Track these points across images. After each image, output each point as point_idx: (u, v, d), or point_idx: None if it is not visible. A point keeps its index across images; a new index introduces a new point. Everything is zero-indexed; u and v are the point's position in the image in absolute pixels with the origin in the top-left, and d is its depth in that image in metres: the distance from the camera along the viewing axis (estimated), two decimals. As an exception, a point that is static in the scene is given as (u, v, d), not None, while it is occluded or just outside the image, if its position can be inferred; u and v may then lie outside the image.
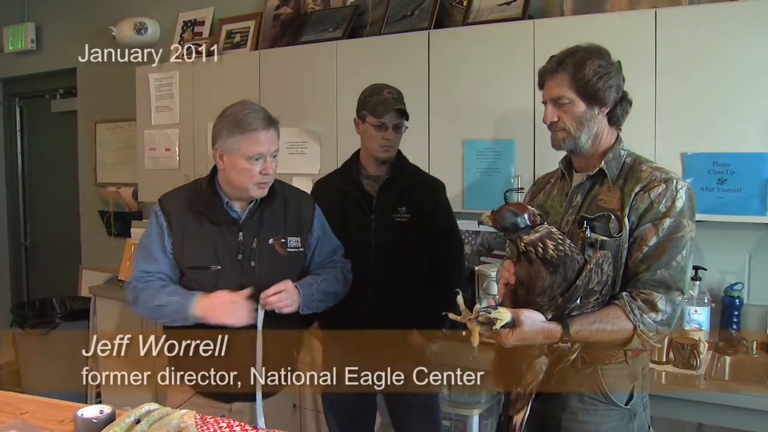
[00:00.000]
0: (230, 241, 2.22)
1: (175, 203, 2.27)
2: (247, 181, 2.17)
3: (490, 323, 1.70)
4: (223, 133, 2.17)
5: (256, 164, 2.15)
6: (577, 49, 1.89)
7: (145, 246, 2.30)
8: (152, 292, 2.19)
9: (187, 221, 2.23)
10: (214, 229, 2.22)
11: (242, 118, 2.15)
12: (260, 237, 2.24)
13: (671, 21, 2.70)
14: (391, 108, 2.54)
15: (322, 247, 2.39)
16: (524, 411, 1.81)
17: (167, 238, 2.24)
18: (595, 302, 1.74)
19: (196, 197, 2.26)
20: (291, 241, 2.29)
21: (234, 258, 2.22)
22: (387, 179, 2.63)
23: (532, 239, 1.71)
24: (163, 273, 2.25)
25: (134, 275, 2.27)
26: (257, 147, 2.14)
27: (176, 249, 2.24)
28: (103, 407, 1.64)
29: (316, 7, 4.02)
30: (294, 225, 2.31)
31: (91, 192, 5.26)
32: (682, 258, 1.77)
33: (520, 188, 1.81)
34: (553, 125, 1.90)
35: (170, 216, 2.24)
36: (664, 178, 1.81)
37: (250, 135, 2.14)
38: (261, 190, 2.21)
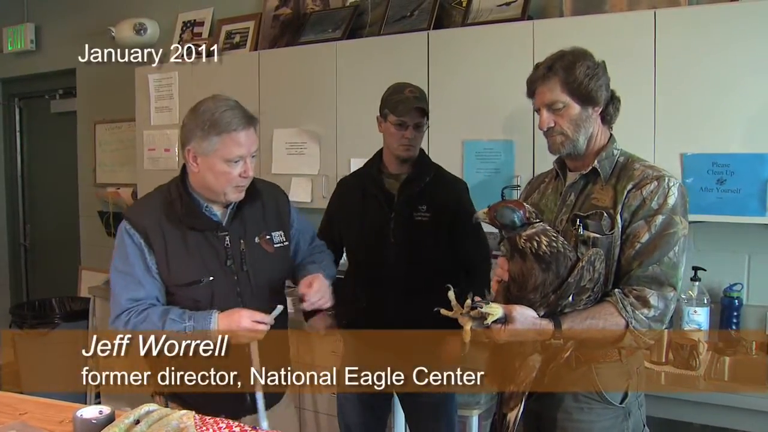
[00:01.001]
0: (217, 248, 2.07)
1: (149, 216, 2.06)
2: (226, 185, 2.02)
3: (481, 318, 1.71)
4: (197, 134, 1.99)
5: (236, 167, 2.00)
6: (563, 53, 1.91)
7: (123, 272, 2.06)
8: (155, 322, 1.98)
9: (166, 234, 2.04)
10: (198, 237, 2.06)
11: (219, 117, 1.98)
12: (246, 238, 2.11)
13: (670, 22, 2.70)
14: (412, 107, 2.53)
15: (304, 235, 2.32)
16: (518, 409, 1.81)
17: (149, 257, 2.04)
18: (588, 299, 1.75)
19: (171, 205, 2.07)
20: (275, 237, 2.18)
21: (223, 265, 2.07)
22: (407, 177, 2.62)
23: (529, 234, 1.72)
24: (152, 297, 2.05)
25: (120, 305, 2.03)
26: (237, 149, 1.99)
27: (161, 267, 2.05)
28: (103, 408, 1.64)
29: (316, 8, 4.02)
30: (274, 219, 2.20)
31: (90, 192, 5.26)
32: (674, 254, 1.78)
33: (517, 185, 1.82)
34: (550, 130, 1.91)
35: (146, 232, 2.03)
36: (656, 175, 1.82)
37: (228, 136, 1.97)
38: (239, 193, 2.06)
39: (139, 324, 1.99)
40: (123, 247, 2.06)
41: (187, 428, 1.64)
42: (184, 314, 1.99)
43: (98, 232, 5.18)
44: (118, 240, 2.09)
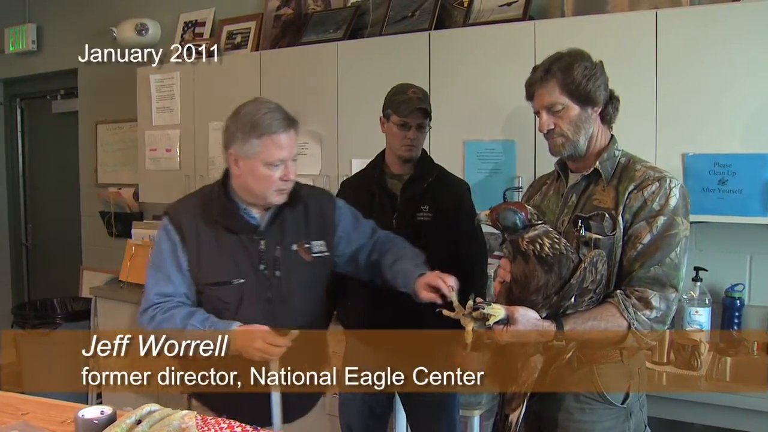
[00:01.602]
0: (251, 251, 2.05)
1: (186, 214, 2.07)
2: (267, 188, 2.00)
3: (483, 319, 1.71)
4: (238, 136, 1.98)
5: (276, 170, 1.98)
6: (561, 54, 1.91)
7: (156, 265, 2.08)
8: (177, 323, 1.98)
9: (201, 233, 2.04)
10: (232, 239, 2.05)
11: (259, 120, 1.97)
12: (283, 244, 2.08)
13: (672, 22, 2.70)
14: (415, 107, 2.53)
15: (359, 237, 2.24)
16: (520, 410, 1.81)
17: (181, 253, 2.05)
18: (590, 301, 1.75)
19: (208, 205, 2.07)
20: (315, 246, 2.13)
21: (257, 269, 2.05)
22: (410, 178, 2.62)
23: (531, 236, 1.72)
24: (181, 294, 2.06)
25: (149, 299, 2.05)
26: (278, 152, 1.97)
27: (192, 265, 2.05)
28: (104, 408, 1.64)
29: (317, 8, 4.02)
30: (317, 228, 2.15)
31: (91, 193, 5.27)
32: (675, 255, 1.78)
33: (519, 187, 1.81)
34: (550, 132, 1.92)
35: (182, 228, 2.05)
36: (657, 176, 1.82)
37: (269, 138, 1.96)
38: (281, 196, 2.04)
39: (163, 322, 1.99)
40: (159, 241, 2.09)
41: (189, 428, 1.64)
42: (206, 321, 1.98)
43: (100, 232, 5.19)
44: (157, 235, 2.11)
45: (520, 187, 1.84)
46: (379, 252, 2.20)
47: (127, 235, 4.62)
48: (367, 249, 2.24)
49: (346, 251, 2.22)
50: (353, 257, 2.24)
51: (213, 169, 4.02)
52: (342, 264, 2.25)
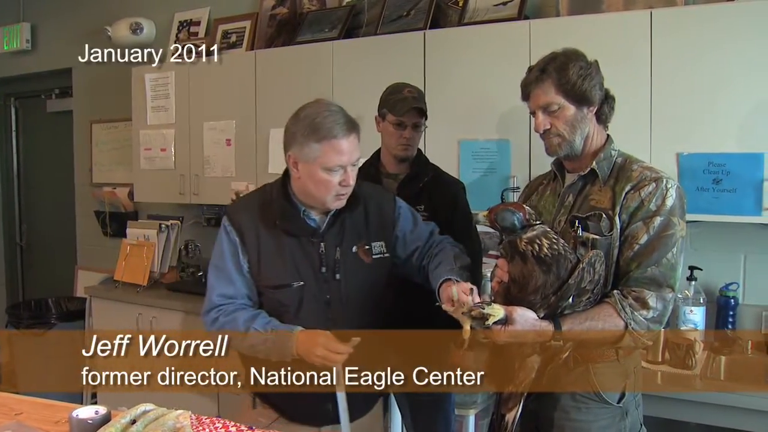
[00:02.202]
0: (311, 254, 2.01)
1: (246, 215, 2.04)
2: (326, 194, 1.95)
3: (482, 318, 1.71)
4: (298, 139, 1.92)
5: (336, 175, 1.92)
6: (555, 54, 1.91)
7: (218, 266, 2.06)
8: (239, 327, 1.96)
9: (261, 235, 2.01)
10: (292, 242, 2.01)
11: (320, 123, 1.90)
12: (343, 246, 2.04)
13: (667, 21, 2.71)
14: (410, 106, 2.53)
15: (415, 239, 2.17)
16: (516, 409, 1.81)
17: (242, 255, 2.02)
18: (587, 301, 1.75)
19: (268, 207, 2.03)
20: (375, 247, 2.08)
21: (317, 271, 2.02)
22: (406, 177, 2.62)
23: (530, 237, 1.72)
24: (243, 295, 2.04)
25: (212, 301, 2.04)
26: (338, 157, 1.91)
27: (253, 267, 2.03)
28: (99, 408, 1.63)
29: (312, 8, 4.02)
30: (377, 229, 2.10)
31: (86, 192, 5.26)
32: (672, 255, 1.78)
33: (516, 187, 1.81)
34: (547, 132, 1.91)
35: (242, 230, 2.02)
36: (654, 177, 1.82)
37: (329, 143, 1.90)
38: (339, 201, 1.99)
39: (226, 325, 1.98)
40: (220, 242, 2.06)
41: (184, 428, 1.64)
42: (267, 325, 1.96)
43: (95, 231, 5.18)
44: (218, 236, 2.08)
45: (517, 187, 1.84)
46: (428, 256, 2.15)
47: (121, 235, 4.61)
48: (423, 253, 2.17)
49: (402, 254, 2.17)
50: (409, 260, 2.17)
51: (208, 169, 4.02)
52: (400, 266, 2.19)
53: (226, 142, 3.95)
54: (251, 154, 3.84)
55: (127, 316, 4.05)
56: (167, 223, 4.42)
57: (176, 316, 3.84)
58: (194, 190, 4.11)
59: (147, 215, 4.77)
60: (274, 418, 2.12)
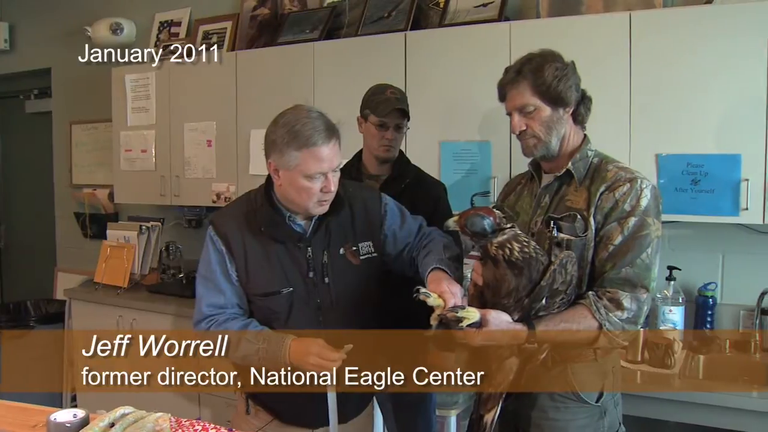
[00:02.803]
0: (299, 259, 2.01)
1: (231, 224, 2.03)
2: (308, 200, 1.94)
3: (457, 321, 1.72)
4: (278, 146, 1.91)
5: (317, 182, 1.91)
6: (532, 56, 1.91)
7: (206, 276, 2.04)
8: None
9: (247, 243, 2.00)
10: (279, 248, 2.00)
11: (299, 130, 1.88)
12: (330, 249, 2.03)
13: (645, 23, 2.73)
14: (393, 107, 2.53)
15: (405, 236, 2.16)
16: (495, 410, 1.82)
17: (229, 264, 2.01)
18: (561, 302, 1.75)
19: (253, 215, 2.02)
20: (363, 247, 2.08)
21: (306, 276, 2.01)
22: (388, 178, 2.62)
23: (500, 241, 1.72)
24: (233, 304, 2.03)
25: (201, 312, 2.02)
26: (318, 165, 1.89)
27: (241, 276, 2.02)
28: (77, 411, 1.62)
29: (294, 8, 4.01)
30: (364, 229, 2.10)
31: (66, 193, 5.22)
32: (647, 256, 1.78)
33: (487, 192, 1.81)
34: (523, 134, 1.92)
35: (228, 239, 2.01)
36: (628, 177, 1.83)
37: (309, 151, 1.88)
38: (322, 207, 1.98)
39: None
40: (207, 252, 2.04)
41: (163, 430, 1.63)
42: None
43: (74, 233, 5.15)
44: (204, 245, 2.06)
45: (488, 192, 1.85)
46: (418, 248, 2.14)
47: (102, 236, 4.58)
48: (413, 246, 2.16)
49: (392, 251, 2.16)
50: (400, 256, 2.17)
51: (189, 170, 4.00)
52: (391, 263, 2.18)
53: (206, 143, 3.93)
54: (232, 155, 3.82)
55: (108, 318, 4.02)
56: (148, 225, 4.39)
57: (157, 318, 3.82)
58: (175, 192, 4.09)
59: (127, 217, 4.73)
60: (267, 420, 2.13)
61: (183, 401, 3.74)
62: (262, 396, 2.11)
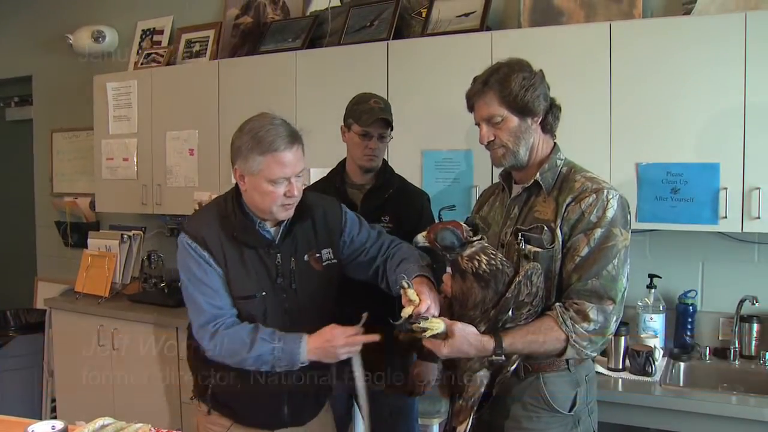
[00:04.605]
0: (269, 265, 2.05)
1: (207, 229, 2.04)
2: (271, 204, 1.98)
3: (422, 331, 1.72)
4: (243, 152, 1.95)
5: (280, 186, 1.95)
6: (499, 65, 1.91)
7: (194, 284, 2.02)
8: (244, 338, 1.96)
9: (225, 248, 2.03)
10: (252, 253, 2.04)
11: (262, 136, 1.92)
12: (297, 256, 2.09)
13: (626, 33, 2.75)
14: (377, 117, 2.53)
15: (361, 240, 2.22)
16: (467, 422, 1.82)
17: (215, 266, 2.02)
18: (528, 313, 1.75)
19: (226, 221, 2.05)
20: (324, 254, 2.14)
21: (274, 282, 2.06)
22: (371, 188, 2.63)
23: (469, 254, 1.73)
24: (229, 305, 2.03)
25: (206, 312, 2.00)
26: (280, 169, 1.93)
27: (224, 277, 2.03)
28: (55, 423, 1.60)
29: (276, 17, 4.01)
30: (324, 236, 2.16)
31: (47, 202, 5.18)
32: (613, 267, 1.77)
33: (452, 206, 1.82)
34: (491, 144, 1.92)
35: (206, 244, 2.01)
36: (595, 188, 1.82)
37: (271, 156, 1.92)
38: (286, 212, 2.03)
39: (227, 337, 1.97)
40: (186, 262, 2.04)
41: (143, 441, 1.62)
42: (273, 334, 1.97)
43: (55, 242, 5.11)
44: (181, 256, 2.06)
45: (454, 206, 1.85)
46: (384, 255, 2.19)
47: (83, 245, 4.55)
48: (371, 253, 2.22)
49: (349, 255, 2.22)
50: (357, 261, 2.23)
51: (171, 179, 3.99)
52: (349, 269, 2.24)
53: (189, 152, 3.92)
54: (214, 163, 3.81)
55: (88, 328, 3.99)
56: (129, 234, 4.37)
57: (138, 328, 3.80)
58: (157, 200, 4.07)
59: (109, 225, 4.71)
60: (228, 425, 2.15)
61: (164, 411, 3.71)
62: (221, 398, 2.14)
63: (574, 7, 3.15)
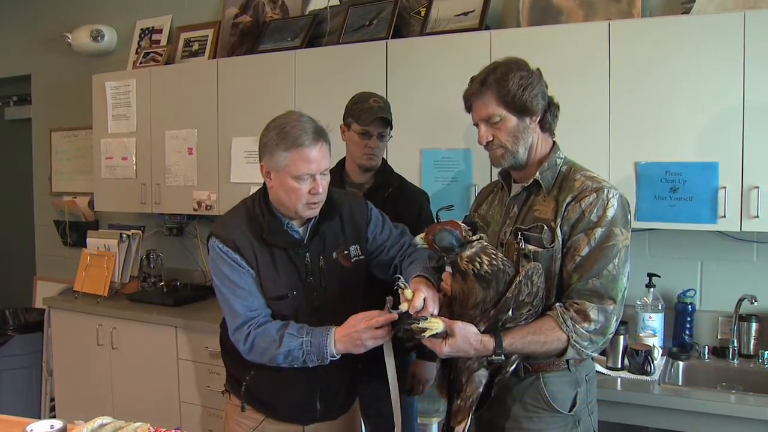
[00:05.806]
0: (299, 264, 2.06)
1: (236, 232, 2.04)
2: (297, 202, 1.98)
3: (421, 331, 1.71)
4: (269, 148, 1.96)
5: (305, 183, 1.95)
6: (496, 65, 1.90)
7: (230, 286, 2.03)
8: (273, 335, 1.96)
9: (255, 250, 2.03)
10: (281, 254, 2.05)
11: (288, 132, 1.93)
12: (326, 254, 2.10)
13: (625, 33, 2.75)
14: (376, 116, 2.53)
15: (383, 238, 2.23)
16: (465, 422, 1.81)
17: (248, 268, 2.03)
18: (528, 313, 1.74)
19: (255, 222, 2.06)
20: (352, 251, 2.15)
21: (305, 281, 2.07)
22: (371, 187, 2.63)
23: (469, 255, 1.72)
24: (263, 305, 2.04)
25: (239, 315, 2.01)
26: (305, 165, 1.93)
27: (257, 279, 2.05)
28: (54, 422, 1.60)
29: (275, 16, 4.01)
30: (351, 233, 2.17)
31: (46, 201, 5.18)
32: (613, 267, 1.76)
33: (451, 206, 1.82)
34: (490, 144, 1.91)
35: (238, 247, 2.02)
36: (595, 187, 1.81)
37: (296, 151, 1.92)
38: (311, 210, 2.02)
39: (258, 336, 1.98)
40: (218, 266, 2.05)
41: (142, 440, 1.62)
42: (301, 329, 1.97)
43: (54, 241, 5.11)
44: (213, 260, 2.07)
45: (452, 206, 1.85)
46: (402, 256, 2.21)
47: (81, 245, 4.55)
48: (392, 252, 2.23)
49: (373, 253, 2.23)
50: (378, 259, 2.24)
51: (170, 178, 3.98)
52: (371, 266, 2.24)
53: (187, 151, 3.92)
54: (213, 162, 3.81)
55: (87, 327, 3.99)
56: (128, 233, 4.36)
57: (137, 328, 3.79)
58: (156, 200, 4.07)
59: (108, 225, 4.70)
60: (260, 419, 2.15)
61: (162, 410, 3.71)
62: (254, 393, 2.14)
63: (573, 6, 3.15)
